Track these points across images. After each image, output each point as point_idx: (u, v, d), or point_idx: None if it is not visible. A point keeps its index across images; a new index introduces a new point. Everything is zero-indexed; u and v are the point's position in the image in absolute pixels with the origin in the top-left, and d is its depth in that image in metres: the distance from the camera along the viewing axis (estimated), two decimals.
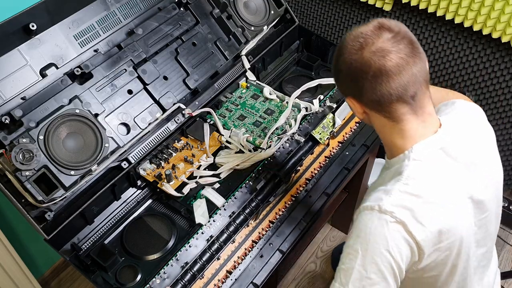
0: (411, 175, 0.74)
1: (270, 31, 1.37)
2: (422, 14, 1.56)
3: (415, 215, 0.71)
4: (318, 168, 1.14)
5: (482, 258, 0.88)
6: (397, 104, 0.73)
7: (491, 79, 1.56)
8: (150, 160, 1.11)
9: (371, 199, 0.75)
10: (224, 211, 0.98)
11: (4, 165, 0.90)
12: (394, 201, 0.72)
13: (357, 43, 0.72)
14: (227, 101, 1.26)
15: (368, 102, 0.75)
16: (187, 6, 1.20)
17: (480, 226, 0.82)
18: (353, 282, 0.72)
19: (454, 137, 0.79)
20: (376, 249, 0.71)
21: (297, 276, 1.68)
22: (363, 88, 0.73)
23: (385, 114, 0.75)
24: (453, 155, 0.77)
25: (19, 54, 0.96)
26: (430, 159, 0.75)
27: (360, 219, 0.74)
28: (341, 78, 0.78)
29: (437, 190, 0.74)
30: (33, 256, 1.54)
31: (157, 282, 0.87)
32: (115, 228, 1.05)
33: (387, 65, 0.70)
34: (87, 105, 1.01)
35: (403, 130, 0.76)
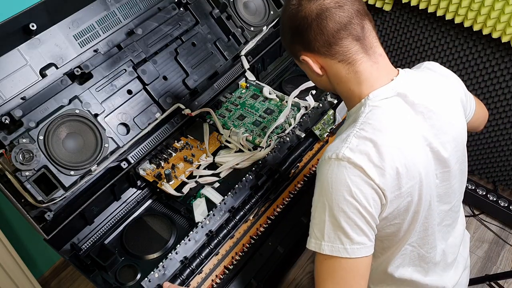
0: (366, 121, 0.75)
1: (270, 31, 1.37)
2: (422, 14, 1.56)
3: (371, 159, 0.71)
4: (316, 165, 1.13)
5: (445, 215, 0.88)
6: (346, 41, 0.75)
7: (491, 79, 1.56)
8: (150, 160, 1.11)
9: (329, 149, 0.75)
10: (224, 205, 0.97)
11: (4, 165, 0.90)
12: (350, 147, 0.72)
13: (295, 1, 0.76)
14: (227, 101, 1.27)
15: (319, 48, 0.76)
16: (187, 6, 1.20)
17: (442, 180, 0.82)
18: (328, 234, 0.72)
19: (413, 85, 0.79)
20: (340, 197, 0.71)
21: (297, 276, 1.68)
22: (310, 34, 0.75)
23: (338, 57, 0.76)
24: (410, 101, 0.78)
25: (19, 54, 0.97)
26: (386, 104, 0.76)
27: (321, 171, 0.74)
28: (289, 38, 0.79)
29: (392, 133, 0.74)
30: (33, 256, 1.55)
31: (155, 276, 0.86)
32: (115, 228, 1.06)
33: (325, 3, 0.74)
34: (87, 105, 1.01)
35: (359, 72, 0.77)
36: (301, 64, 0.82)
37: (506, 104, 1.58)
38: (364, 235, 0.72)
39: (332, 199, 0.71)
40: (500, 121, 1.63)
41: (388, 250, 0.85)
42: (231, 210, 0.97)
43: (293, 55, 0.83)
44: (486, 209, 1.82)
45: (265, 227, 1.01)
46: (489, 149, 1.73)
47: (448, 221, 0.90)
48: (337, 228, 0.72)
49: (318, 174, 0.76)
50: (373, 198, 0.72)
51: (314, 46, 0.76)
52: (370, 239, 0.73)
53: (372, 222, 0.73)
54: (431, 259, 0.89)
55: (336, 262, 0.72)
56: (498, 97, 1.58)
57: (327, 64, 0.78)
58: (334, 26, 0.74)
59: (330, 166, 0.73)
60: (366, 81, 0.77)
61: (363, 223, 0.72)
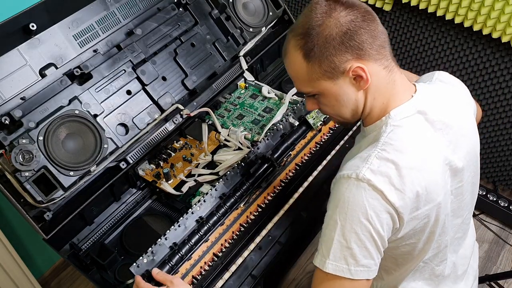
0: (388, 141, 0.73)
1: (268, 32, 1.37)
2: (422, 14, 1.56)
3: (392, 181, 0.70)
4: (308, 154, 1.12)
5: (458, 229, 0.87)
6: (387, 44, 0.74)
7: (491, 79, 1.55)
8: (149, 160, 1.11)
9: (348, 167, 0.73)
10: (215, 191, 0.95)
11: (4, 166, 0.90)
12: (371, 169, 0.71)
13: (325, 8, 0.72)
14: (226, 102, 1.27)
15: (371, 51, 0.72)
16: (186, 6, 1.20)
17: (456, 195, 0.81)
18: (334, 253, 0.71)
19: (431, 101, 0.78)
20: (355, 218, 0.70)
21: (297, 276, 1.68)
22: (362, 36, 0.71)
23: (384, 62, 0.73)
24: (430, 119, 0.77)
25: (18, 54, 0.97)
26: (408, 124, 0.75)
27: (337, 188, 0.73)
28: (334, 50, 0.71)
29: (414, 155, 0.73)
30: (33, 256, 1.55)
31: (144, 261, 0.85)
32: (115, 229, 1.06)
33: (363, 6, 0.73)
34: (86, 106, 1.01)
35: (395, 81, 0.75)
36: (331, 87, 0.74)
37: (506, 104, 1.57)
38: (371, 258, 0.71)
39: (346, 219, 0.70)
40: (500, 121, 1.63)
41: (402, 267, 0.84)
42: (222, 197, 0.96)
43: (328, 74, 0.73)
44: (486, 209, 1.82)
45: (255, 215, 0.99)
46: (489, 149, 1.73)
47: (459, 234, 0.89)
48: (345, 248, 0.71)
49: (334, 191, 0.74)
50: (387, 223, 0.71)
51: (366, 49, 0.71)
52: (375, 262, 0.73)
53: (381, 247, 0.72)
54: (441, 272, 0.88)
55: (337, 282, 0.71)
56: (498, 97, 1.58)
57: (374, 72, 0.73)
58: (379, 28, 0.72)
59: (349, 185, 0.71)
60: (396, 94, 0.76)
61: (372, 246, 0.71)
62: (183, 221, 0.90)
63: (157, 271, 0.84)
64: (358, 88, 0.74)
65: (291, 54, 0.75)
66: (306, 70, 0.74)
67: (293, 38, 0.74)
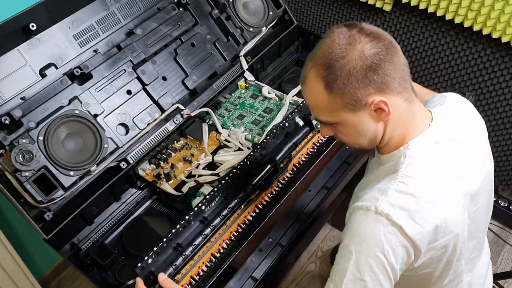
0: (407, 173, 0.73)
1: (269, 32, 1.37)
2: (422, 14, 1.56)
3: (412, 215, 0.70)
4: (306, 154, 1.11)
5: (473, 249, 0.87)
6: (408, 76, 0.73)
7: (491, 79, 1.55)
8: (149, 160, 1.11)
9: (366, 198, 0.73)
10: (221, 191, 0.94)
11: (4, 166, 0.90)
12: (390, 202, 0.70)
13: (349, 39, 0.70)
14: (226, 102, 1.27)
15: (394, 85, 0.70)
16: (187, 6, 1.20)
17: (473, 218, 0.81)
18: (346, 284, 0.71)
19: (447, 129, 0.78)
20: (370, 251, 0.70)
21: (297, 276, 1.68)
22: (386, 69, 0.69)
23: (405, 94, 0.72)
24: (448, 148, 0.76)
25: (18, 54, 0.97)
26: (426, 155, 0.74)
27: (355, 219, 0.73)
28: (357, 83, 0.69)
29: (433, 188, 0.73)
30: (33, 256, 1.55)
31: (149, 262, 0.83)
32: (115, 229, 1.06)
33: (386, 37, 0.71)
34: (86, 106, 1.01)
35: (414, 113, 0.74)
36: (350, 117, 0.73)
37: (506, 104, 1.57)
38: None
39: (362, 252, 0.70)
40: (500, 121, 1.63)
41: None
42: (226, 197, 0.95)
43: (349, 107, 0.71)
44: None
45: (253, 216, 0.99)
46: None
47: (474, 254, 0.89)
48: (358, 280, 0.71)
49: (351, 221, 0.74)
50: (402, 257, 0.71)
51: (389, 82, 0.70)
52: None
53: (393, 279, 0.72)
54: None
55: None
56: (498, 97, 1.58)
57: (395, 104, 0.72)
58: (401, 60, 0.71)
59: (367, 218, 0.71)
60: (415, 124, 0.75)
61: (385, 279, 0.71)
62: (188, 221, 0.89)
63: (163, 276, 0.83)
64: (379, 119, 0.73)
65: (311, 83, 0.73)
66: (327, 101, 0.72)
67: (314, 68, 0.73)
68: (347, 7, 1.71)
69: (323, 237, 1.79)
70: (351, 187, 1.50)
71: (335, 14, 1.76)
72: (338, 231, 1.81)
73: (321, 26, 1.85)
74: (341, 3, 1.72)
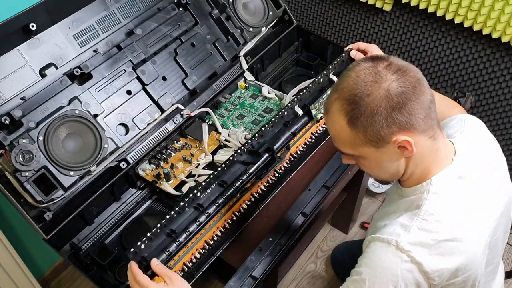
0: (430, 210, 0.72)
1: (269, 32, 1.37)
2: (422, 14, 1.56)
3: (433, 253, 0.70)
4: (303, 145, 1.10)
5: (489, 274, 0.87)
6: (434, 113, 0.71)
7: (491, 79, 1.55)
8: (149, 160, 1.11)
9: (388, 231, 0.73)
10: (217, 178, 0.92)
11: (4, 166, 0.90)
12: (412, 239, 0.70)
13: (375, 76, 0.68)
14: (226, 102, 1.27)
15: (419, 123, 0.69)
16: (186, 6, 1.20)
17: (491, 247, 0.81)
18: None
19: (469, 163, 0.77)
20: (383, 284, 0.70)
21: (297, 276, 1.68)
22: (411, 109, 0.68)
23: (430, 132, 0.71)
24: (470, 183, 0.76)
25: (18, 54, 0.97)
26: (449, 192, 0.74)
27: (374, 250, 0.73)
28: (382, 121, 0.68)
29: (456, 226, 0.72)
30: (33, 256, 1.55)
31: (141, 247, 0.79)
32: (115, 229, 1.06)
33: (412, 75, 0.69)
34: (86, 106, 1.01)
35: (438, 149, 0.73)
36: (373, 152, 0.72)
37: (506, 104, 1.57)
38: None
39: (375, 282, 0.71)
40: (500, 121, 1.63)
41: None
42: (222, 185, 0.93)
43: (372, 143, 0.71)
44: None
45: (248, 204, 0.98)
46: None
47: (490, 278, 0.89)
48: None
49: (369, 251, 0.74)
50: None
51: (414, 122, 0.68)
52: None
53: None
54: None
55: None
56: (498, 97, 1.58)
57: (419, 142, 0.71)
58: (428, 97, 0.69)
59: (387, 252, 0.71)
60: (439, 160, 0.74)
61: None
62: (182, 208, 0.86)
63: (156, 262, 0.79)
64: (401, 156, 0.73)
65: (335, 115, 0.73)
66: (349, 135, 0.72)
67: (338, 101, 0.72)
68: (347, 7, 1.71)
69: (323, 237, 1.79)
70: (351, 187, 1.51)
71: (335, 14, 1.76)
72: (338, 231, 1.81)
73: (321, 26, 1.85)
74: (341, 3, 1.72)
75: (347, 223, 1.75)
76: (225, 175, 0.94)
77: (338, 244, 1.67)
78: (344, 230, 1.80)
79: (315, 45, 1.44)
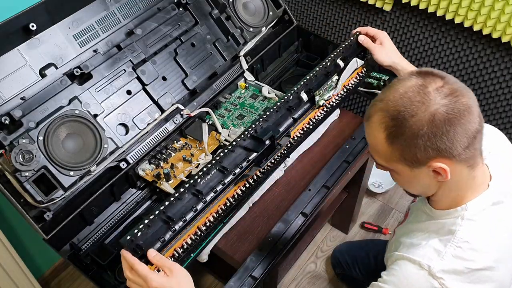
0: (465, 238, 0.71)
1: (269, 32, 1.37)
2: (422, 14, 1.56)
3: (464, 280, 0.70)
4: (301, 130, 1.08)
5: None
6: (479, 142, 0.69)
7: (491, 79, 1.55)
8: (149, 160, 1.11)
9: (420, 254, 0.72)
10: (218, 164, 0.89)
11: (4, 166, 0.90)
12: (445, 266, 0.70)
13: (424, 97, 0.65)
14: (226, 102, 1.27)
15: (459, 152, 0.66)
16: (186, 6, 1.20)
17: None
18: None
19: (504, 187, 0.76)
20: None
21: (297, 276, 1.68)
22: (454, 136, 0.65)
23: (469, 161, 0.68)
24: (505, 208, 0.75)
25: (18, 54, 0.97)
26: (484, 219, 0.73)
27: (404, 270, 0.72)
28: (420, 144, 0.66)
29: (489, 255, 0.72)
30: (33, 256, 1.55)
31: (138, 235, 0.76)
32: (115, 229, 1.06)
33: (463, 101, 0.66)
34: (86, 106, 1.01)
35: (475, 177, 0.72)
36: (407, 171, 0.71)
37: (506, 104, 1.57)
38: None
39: None
40: (500, 121, 1.63)
41: None
42: (223, 172, 0.90)
43: (407, 162, 0.69)
44: None
45: (242, 190, 0.96)
46: None
47: None
48: None
49: (397, 269, 0.73)
50: None
51: (454, 150, 0.66)
52: None
53: None
54: None
55: None
56: (498, 97, 1.58)
57: (456, 171, 0.68)
58: (474, 126, 0.66)
59: (418, 275, 0.71)
60: (475, 187, 0.73)
61: None
62: (182, 194, 0.83)
63: (154, 253, 0.74)
64: (434, 180, 0.71)
65: (375, 126, 0.71)
66: (386, 150, 0.70)
67: (381, 113, 0.69)
68: (347, 7, 1.71)
69: (323, 237, 1.79)
70: (351, 187, 1.51)
71: (335, 14, 1.76)
72: (338, 231, 1.81)
73: (321, 26, 1.85)
74: (341, 3, 1.72)
75: (347, 223, 1.75)
76: (226, 161, 0.91)
77: (338, 244, 1.67)
78: (344, 230, 1.80)
79: (315, 45, 1.44)
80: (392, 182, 1.88)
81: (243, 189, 0.97)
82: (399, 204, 1.89)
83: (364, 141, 1.19)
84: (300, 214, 1.03)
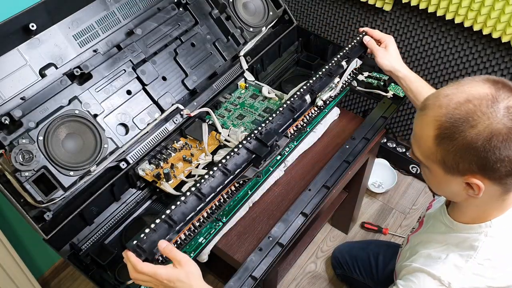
0: (487, 255, 0.71)
1: (269, 32, 1.37)
2: (422, 14, 1.56)
3: None
4: (295, 126, 1.08)
5: None
6: None
7: None
8: (149, 160, 1.11)
9: (440, 269, 0.71)
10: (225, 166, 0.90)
11: (4, 166, 0.90)
12: (466, 284, 0.69)
13: (489, 110, 0.61)
14: (226, 102, 1.27)
15: (499, 175, 0.64)
16: (186, 6, 1.20)
17: None
18: None
19: None
20: None
21: (297, 276, 1.68)
22: (504, 160, 0.62)
23: (507, 186, 0.66)
24: None
25: (18, 54, 0.97)
26: (507, 237, 0.72)
27: (422, 284, 0.71)
28: (462, 156, 0.64)
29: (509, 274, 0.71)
30: (33, 256, 1.55)
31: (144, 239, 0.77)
32: (115, 229, 1.06)
33: None
34: (86, 106, 1.01)
35: (505, 200, 0.70)
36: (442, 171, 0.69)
37: None
38: None
39: None
40: None
41: None
42: (226, 174, 0.90)
43: (444, 166, 0.67)
44: None
45: (236, 186, 0.97)
46: None
47: None
48: None
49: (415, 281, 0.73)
50: None
51: (496, 171, 0.63)
52: None
53: None
54: None
55: None
56: None
57: (490, 191, 0.67)
58: None
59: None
60: (502, 208, 0.72)
61: None
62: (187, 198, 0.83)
63: (165, 243, 0.73)
64: (465, 191, 0.69)
65: (428, 120, 0.67)
66: (429, 147, 0.67)
67: (440, 109, 0.65)
68: (347, 7, 1.71)
69: (323, 237, 1.79)
70: (351, 187, 1.51)
71: (335, 14, 1.77)
72: (338, 231, 1.81)
73: (321, 26, 1.85)
74: (341, 3, 1.72)
75: (347, 223, 1.75)
76: (230, 163, 0.91)
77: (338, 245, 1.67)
78: (344, 230, 1.80)
79: (315, 45, 1.44)
80: (392, 182, 1.88)
81: (236, 185, 0.97)
82: (399, 204, 1.89)
83: (364, 141, 1.19)
84: (300, 214, 1.03)
